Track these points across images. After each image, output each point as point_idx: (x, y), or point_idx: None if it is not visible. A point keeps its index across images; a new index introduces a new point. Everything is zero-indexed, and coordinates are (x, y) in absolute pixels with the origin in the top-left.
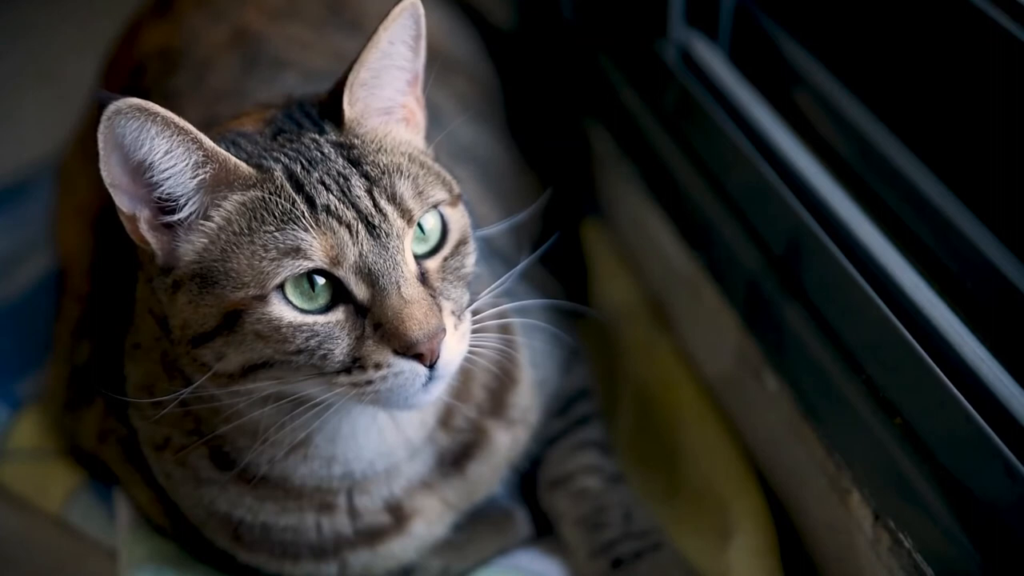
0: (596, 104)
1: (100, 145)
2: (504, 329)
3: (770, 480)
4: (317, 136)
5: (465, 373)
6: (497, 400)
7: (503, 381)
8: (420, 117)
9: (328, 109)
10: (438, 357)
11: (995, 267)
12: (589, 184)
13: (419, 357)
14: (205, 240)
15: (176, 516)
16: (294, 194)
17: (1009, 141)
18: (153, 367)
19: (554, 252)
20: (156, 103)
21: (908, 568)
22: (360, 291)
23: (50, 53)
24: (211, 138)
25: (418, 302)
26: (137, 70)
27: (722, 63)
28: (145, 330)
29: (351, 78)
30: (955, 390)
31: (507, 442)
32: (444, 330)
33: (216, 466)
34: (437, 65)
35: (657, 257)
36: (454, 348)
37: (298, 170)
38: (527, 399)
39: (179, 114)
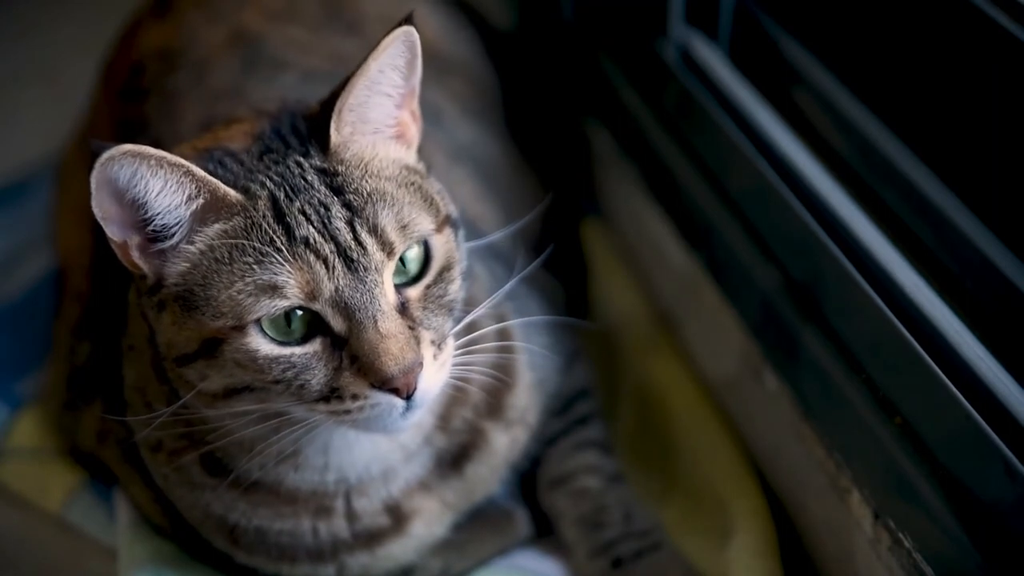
0: (596, 104)
1: (92, 185)
2: (502, 335)
3: (770, 480)
4: (302, 160)
5: (460, 378)
6: (495, 402)
7: (501, 383)
8: (414, 131)
9: (316, 127)
10: (415, 390)
11: (995, 267)
12: (589, 184)
13: (395, 391)
14: (188, 264)
15: (175, 516)
16: (275, 223)
17: (1009, 141)
18: (145, 369)
19: (554, 252)
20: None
21: (908, 568)
22: (337, 323)
23: (50, 53)
24: (200, 157)
25: (395, 336)
26: (136, 70)
27: (722, 63)
28: (137, 332)
29: (339, 103)
30: (955, 390)
31: (505, 443)
32: (421, 364)
33: (207, 472)
34: (436, 65)
35: (657, 257)
36: (432, 379)
37: (281, 197)
38: (525, 400)
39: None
